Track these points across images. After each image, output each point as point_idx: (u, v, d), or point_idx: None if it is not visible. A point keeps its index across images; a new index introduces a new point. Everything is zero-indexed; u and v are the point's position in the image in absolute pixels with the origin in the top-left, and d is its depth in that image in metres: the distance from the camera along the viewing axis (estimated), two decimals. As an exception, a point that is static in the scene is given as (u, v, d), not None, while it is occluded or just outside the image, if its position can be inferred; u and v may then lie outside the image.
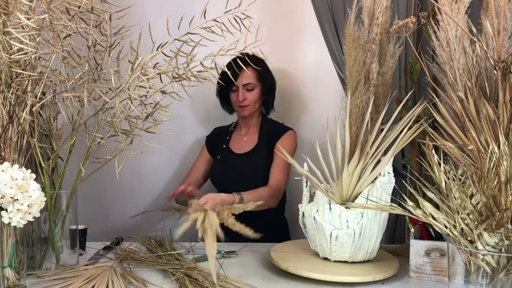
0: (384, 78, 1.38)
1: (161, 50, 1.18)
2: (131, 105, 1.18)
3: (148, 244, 1.44)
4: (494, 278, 0.86)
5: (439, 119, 1.18)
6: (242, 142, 1.85)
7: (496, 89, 1.08)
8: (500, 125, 1.04)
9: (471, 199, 0.90)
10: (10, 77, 1.10)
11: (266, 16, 1.99)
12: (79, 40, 1.20)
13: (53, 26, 1.11)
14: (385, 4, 1.34)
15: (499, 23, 1.04)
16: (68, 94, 1.18)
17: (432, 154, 0.98)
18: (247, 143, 1.83)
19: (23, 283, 1.10)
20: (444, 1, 1.19)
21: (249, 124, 1.86)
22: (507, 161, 0.89)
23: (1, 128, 1.10)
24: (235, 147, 1.85)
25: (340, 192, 1.23)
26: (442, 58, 1.23)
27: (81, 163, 1.27)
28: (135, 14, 1.26)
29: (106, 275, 1.16)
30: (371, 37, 1.34)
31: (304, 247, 1.34)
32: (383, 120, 1.28)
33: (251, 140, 1.83)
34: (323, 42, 1.87)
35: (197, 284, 1.12)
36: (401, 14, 1.74)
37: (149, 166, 2.13)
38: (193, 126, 2.12)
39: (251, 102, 1.77)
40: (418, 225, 1.24)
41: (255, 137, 1.83)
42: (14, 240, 1.06)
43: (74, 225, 1.29)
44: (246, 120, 1.85)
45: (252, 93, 1.77)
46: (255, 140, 1.82)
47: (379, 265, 1.22)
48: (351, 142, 1.27)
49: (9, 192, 0.94)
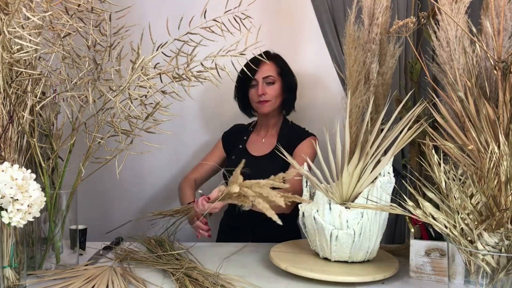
0: (384, 78, 1.38)
1: (161, 50, 1.18)
2: (131, 105, 1.18)
3: (147, 244, 1.44)
4: (494, 278, 0.86)
5: (439, 119, 1.18)
6: (260, 144, 1.78)
7: (496, 89, 1.08)
8: (500, 125, 1.04)
9: (471, 199, 0.90)
10: (10, 77, 1.10)
11: (266, 16, 1.99)
12: (79, 40, 1.20)
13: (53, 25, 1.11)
14: (385, 4, 1.34)
15: (499, 23, 1.04)
16: (70, 93, 1.18)
17: (432, 154, 0.98)
18: (265, 146, 1.76)
19: (23, 283, 1.10)
20: (444, 1, 1.19)
21: (269, 124, 1.79)
22: (507, 161, 0.89)
23: (1, 128, 1.10)
24: (252, 148, 1.77)
25: (340, 192, 1.23)
26: (442, 58, 1.23)
27: (81, 163, 1.27)
28: (135, 14, 1.26)
29: (106, 275, 1.16)
30: (371, 37, 1.34)
31: (304, 247, 1.35)
32: (383, 120, 1.28)
33: (270, 143, 1.76)
34: (323, 42, 1.87)
35: (197, 284, 1.12)
36: (401, 14, 1.74)
37: (149, 166, 2.13)
38: (193, 126, 2.12)
39: (271, 97, 1.70)
40: (418, 225, 1.24)
41: (273, 140, 1.76)
42: (14, 240, 1.06)
43: (74, 225, 1.29)
44: (266, 120, 1.78)
45: (272, 88, 1.70)
46: (273, 143, 1.75)
47: (379, 265, 1.22)
48: (351, 142, 1.27)
49: (9, 192, 0.94)
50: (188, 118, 2.10)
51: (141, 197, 2.17)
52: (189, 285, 1.11)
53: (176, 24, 1.16)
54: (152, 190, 2.17)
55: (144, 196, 2.17)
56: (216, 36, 1.17)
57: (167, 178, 2.17)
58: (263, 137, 1.79)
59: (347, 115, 1.28)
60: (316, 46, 1.98)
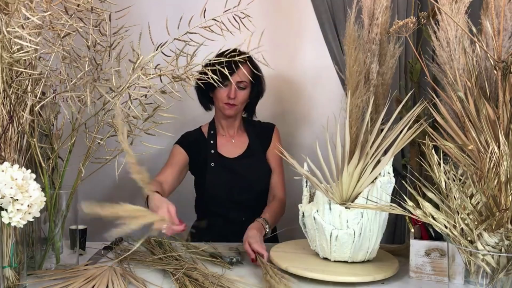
0: (384, 78, 1.38)
1: (161, 49, 1.18)
2: (131, 105, 1.18)
3: (147, 244, 1.44)
4: (494, 278, 0.86)
5: (439, 119, 1.17)
6: (230, 144, 1.75)
7: (496, 89, 1.08)
8: (500, 125, 1.03)
9: (471, 199, 0.90)
10: (10, 77, 1.10)
11: (266, 16, 1.99)
12: (79, 40, 1.20)
13: (53, 25, 1.11)
14: (385, 4, 1.34)
15: (499, 23, 1.04)
16: (69, 93, 1.18)
17: (432, 154, 0.98)
18: (236, 146, 1.75)
19: (23, 283, 1.09)
20: (444, 1, 1.19)
21: (233, 125, 1.76)
22: (507, 161, 0.89)
23: (1, 128, 1.10)
24: (225, 151, 1.74)
25: (340, 192, 1.23)
26: (442, 58, 1.23)
27: (81, 163, 1.27)
28: (135, 14, 1.26)
29: (106, 275, 1.16)
30: (371, 37, 1.34)
31: (304, 247, 1.34)
32: (383, 120, 1.28)
33: (241, 142, 1.76)
34: (323, 42, 1.87)
35: (197, 284, 1.12)
36: (401, 14, 1.74)
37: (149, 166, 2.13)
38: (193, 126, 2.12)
39: (239, 102, 1.67)
40: (418, 225, 1.24)
41: (243, 138, 1.76)
42: (14, 240, 1.06)
43: (74, 225, 1.29)
44: (229, 121, 1.74)
45: (243, 93, 1.67)
46: (245, 141, 1.75)
47: (379, 265, 1.22)
48: (351, 142, 1.27)
49: (9, 192, 0.94)
50: (188, 118, 2.10)
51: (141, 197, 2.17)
52: (189, 285, 1.11)
53: (176, 24, 1.16)
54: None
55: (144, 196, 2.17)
56: (216, 36, 1.17)
57: (167, 178, 2.16)
58: (232, 137, 1.76)
59: (347, 115, 1.28)
60: (316, 46, 1.98)
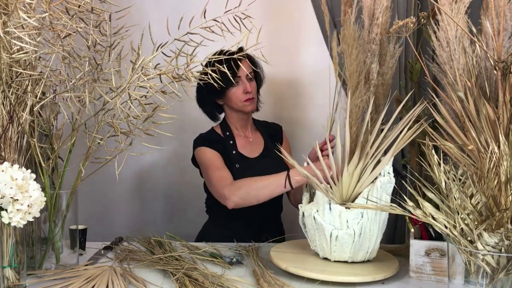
0: (384, 78, 1.38)
1: (161, 50, 1.18)
2: (131, 105, 1.18)
3: (147, 244, 1.44)
4: (494, 278, 0.86)
5: (439, 119, 1.17)
6: (249, 144, 1.71)
7: (496, 89, 1.08)
8: (500, 125, 1.03)
9: (471, 199, 0.90)
10: (10, 77, 1.10)
11: (266, 16, 1.99)
12: (79, 40, 1.20)
13: (53, 25, 1.11)
14: (385, 4, 1.34)
15: (499, 23, 1.04)
16: (69, 94, 1.18)
17: (432, 154, 0.98)
18: (254, 146, 1.71)
19: (23, 283, 1.10)
20: (444, 1, 1.19)
21: (248, 124, 1.73)
22: (507, 161, 0.89)
23: (1, 128, 1.10)
24: (245, 151, 1.69)
25: (340, 192, 1.23)
26: (442, 58, 1.23)
27: (81, 163, 1.27)
28: (135, 14, 1.26)
29: (106, 275, 1.16)
30: (371, 37, 1.34)
31: (304, 247, 1.34)
32: (383, 120, 1.28)
33: (257, 141, 1.72)
34: (323, 42, 1.87)
35: (197, 284, 1.12)
36: (401, 14, 1.74)
37: (149, 166, 2.13)
38: (193, 126, 2.12)
39: (255, 93, 1.64)
40: (418, 225, 1.24)
41: (259, 138, 1.73)
42: (14, 240, 1.06)
43: (74, 225, 1.29)
44: (245, 121, 1.71)
45: (254, 84, 1.64)
46: (260, 141, 1.72)
47: (379, 265, 1.22)
48: (351, 142, 1.27)
49: (9, 192, 0.94)
50: (188, 118, 2.10)
51: (141, 197, 2.17)
52: (189, 285, 1.11)
53: (176, 24, 1.16)
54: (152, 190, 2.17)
55: (144, 196, 2.17)
56: (216, 36, 1.17)
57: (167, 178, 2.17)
58: (248, 137, 1.72)
59: (347, 115, 1.28)
60: (316, 46, 1.98)
